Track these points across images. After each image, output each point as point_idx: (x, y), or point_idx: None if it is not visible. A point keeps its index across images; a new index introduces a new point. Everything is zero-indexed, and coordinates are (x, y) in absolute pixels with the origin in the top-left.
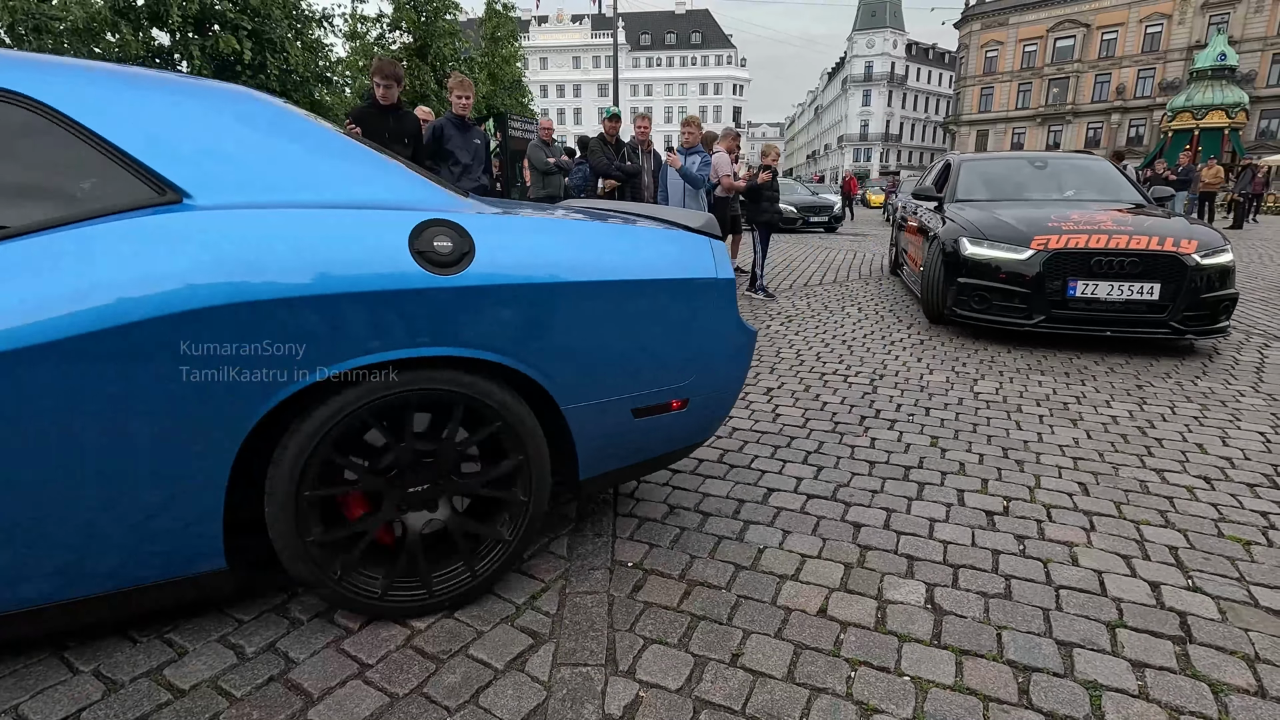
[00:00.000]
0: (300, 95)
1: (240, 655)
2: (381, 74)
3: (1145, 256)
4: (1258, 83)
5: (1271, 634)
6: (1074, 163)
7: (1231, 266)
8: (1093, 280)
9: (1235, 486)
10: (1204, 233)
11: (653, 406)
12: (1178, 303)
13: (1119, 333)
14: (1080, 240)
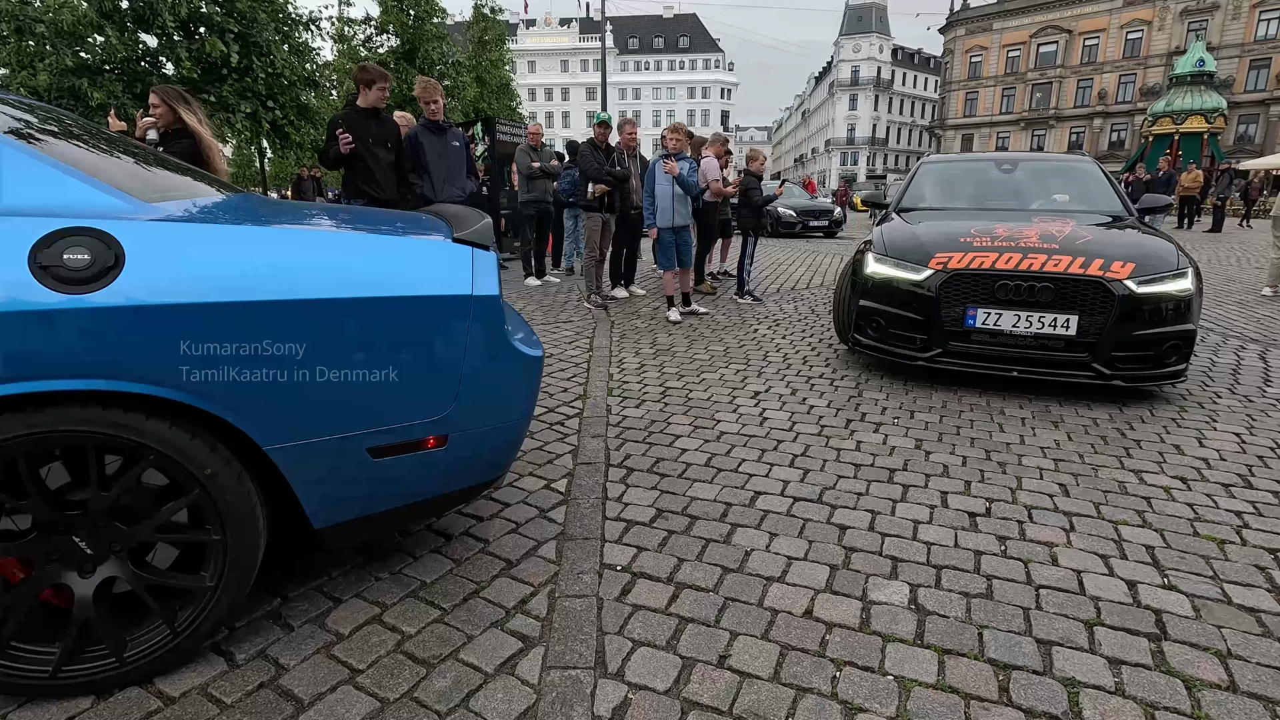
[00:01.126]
0: (287, 98)
1: (230, 662)
2: (384, 78)
3: (1061, 281)
4: (1235, 88)
5: (1244, 630)
6: (1052, 165)
7: (1186, 295)
8: (996, 308)
9: (1211, 487)
10: (1156, 252)
11: (396, 445)
12: (1104, 340)
13: (1028, 374)
14: (985, 259)
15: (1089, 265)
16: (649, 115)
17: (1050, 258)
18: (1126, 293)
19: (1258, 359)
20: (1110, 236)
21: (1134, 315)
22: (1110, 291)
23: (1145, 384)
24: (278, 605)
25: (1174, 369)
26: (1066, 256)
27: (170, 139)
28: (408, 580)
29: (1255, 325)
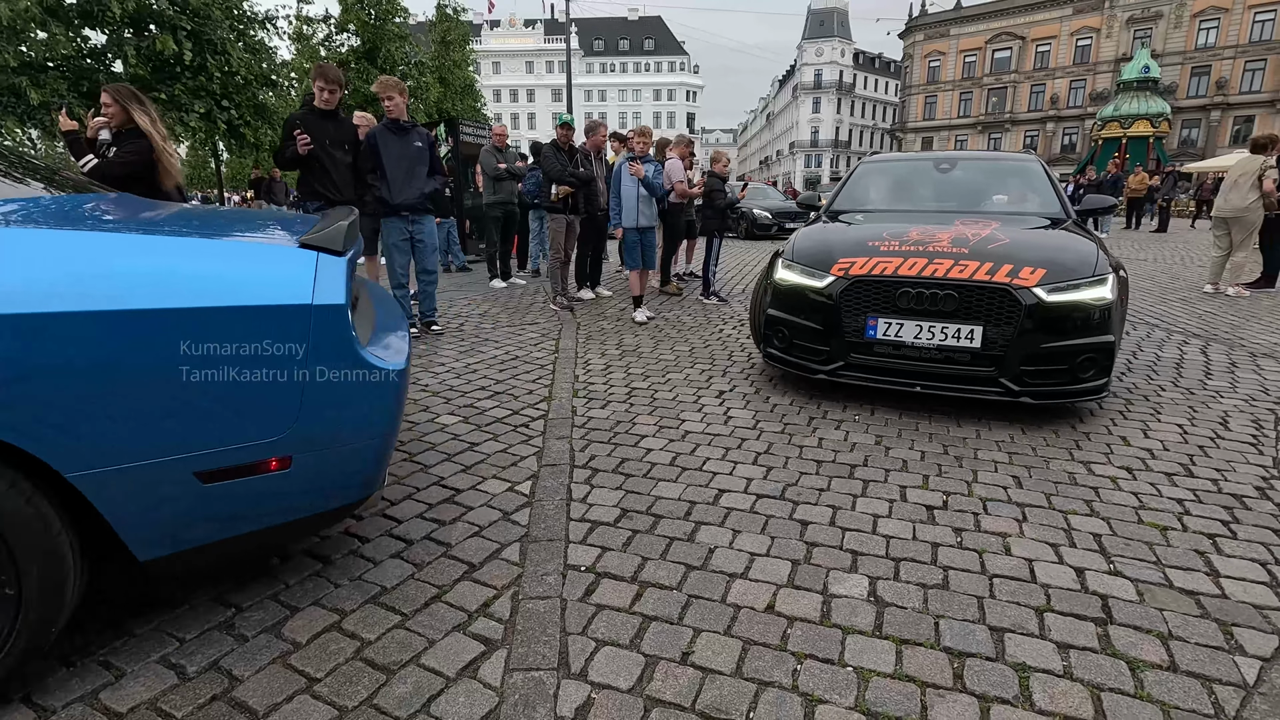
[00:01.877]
0: (243, 98)
1: (181, 675)
2: (324, 78)
3: (965, 289)
4: (1179, 94)
5: (1184, 612)
6: (992, 165)
7: (1103, 304)
8: (898, 318)
9: (1155, 476)
10: (1074, 257)
11: (229, 469)
12: (1011, 353)
13: (931, 389)
14: (889, 265)
15: (996, 271)
16: (615, 117)
17: (956, 263)
18: (1034, 301)
19: (1199, 353)
20: (1031, 240)
21: (1043, 326)
22: (1017, 300)
23: (1059, 401)
24: (231, 616)
25: (1091, 384)
26: (974, 262)
27: (123, 139)
28: (368, 586)
29: (1197, 321)
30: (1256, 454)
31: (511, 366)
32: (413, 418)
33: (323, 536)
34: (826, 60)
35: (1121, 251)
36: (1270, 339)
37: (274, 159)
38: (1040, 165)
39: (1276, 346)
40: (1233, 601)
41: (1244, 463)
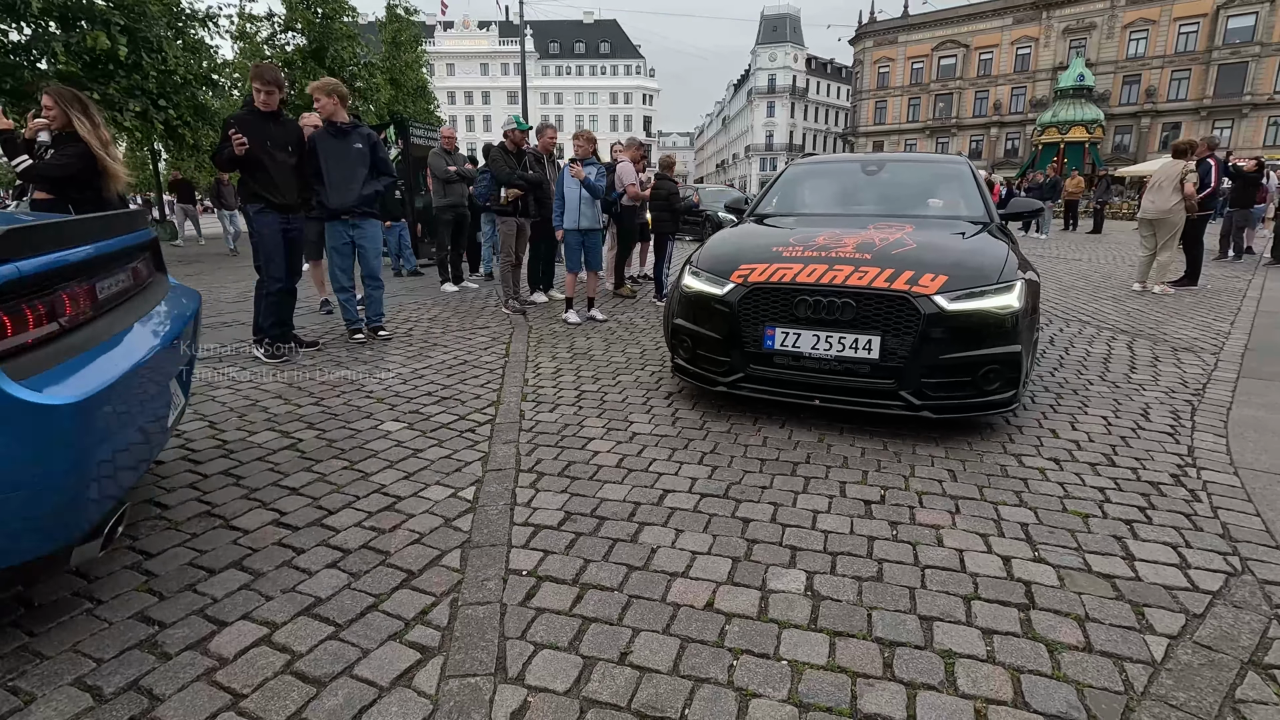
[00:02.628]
0: (181, 98)
1: (98, 697)
2: (261, 79)
3: (863, 297)
4: (1112, 101)
5: (1100, 595)
6: (919, 167)
7: (1008, 313)
8: (795, 328)
9: (1080, 466)
10: (981, 263)
11: None
12: (910, 364)
13: (830, 402)
14: (788, 272)
15: (896, 279)
16: (571, 119)
17: (856, 270)
18: (934, 310)
19: (1126, 348)
20: (940, 244)
21: (943, 336)
22: (915, 308)
23: (963, 415)
24: (154, 633)
25: (997, 397)
26: (874, 269)
27: (63, 143)
28: (301, 598)
29: (1125, 318)
30: (1174, 443)
31: (460, 371)
32: (355, 425)
33: (254, 549)
34: (780, 65)
35: (1058, 252)
36: (1191, 334)
37: (211, 160)
38: (968, 168)
39: (1196, 341)
40: (1145, 583)
41: (1162, 452)
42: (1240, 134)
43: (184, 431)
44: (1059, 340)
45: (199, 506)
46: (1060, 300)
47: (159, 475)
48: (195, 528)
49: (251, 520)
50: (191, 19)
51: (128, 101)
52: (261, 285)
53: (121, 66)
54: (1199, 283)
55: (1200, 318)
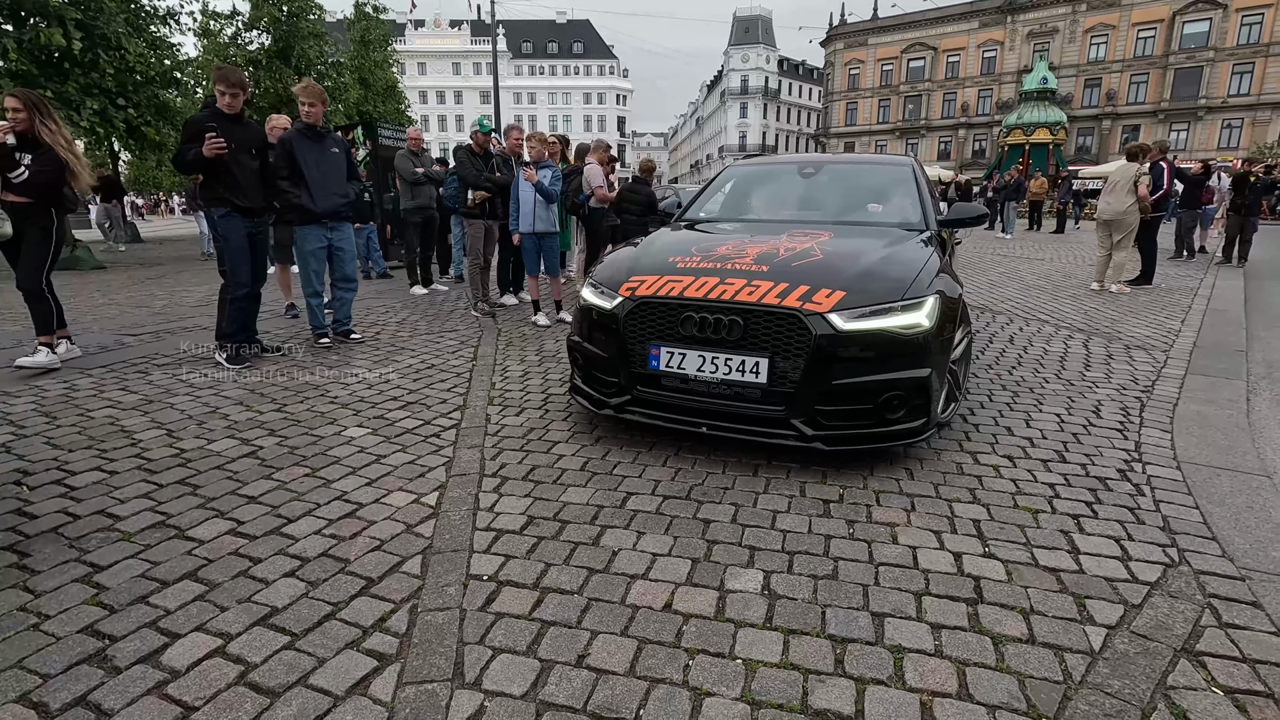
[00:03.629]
0: (142, 96)
1: (44, 713)
2: (226, 81)
3: (751, 314)
4: (1074, 104)
5: (1045, 588)
6: (859, 168)
7: (917, 333)
8: (681, 347)
9: (1032, 463)
10: (889, 276)
11: None
12: (802, 389)
13: (718, 430)
14: (678, 285)
15: (788, 294)
16: (545, 120)
17: (749, 284)
18: (826, 330)
19: (1082, 346)
20: (852, 254)
21: (837, 358)
22: (807, 328)
23: (862, 447)
24: (103, 648)
25: (903, 426)
26: (767, 283)
27: (36, 150)
28: (257, 608)
29: (1082, 316)
30: (1122, 439)
31: (427, 375)
32: (318, 431)
33: (210, 559)
34: (752, 66)
35: (1021, 251)
36: (1144, 332)
37: (173, 162)
38: (912, 169)
39: (1149, 339)
40: (1088, 576)
41: (1110, 447)
42: (1195, 136)
43: (139, 440)
44: (1018, 339)
45: (153, 517)
46: (1021, 299)
47: (111, 485)
48: (149, 539)
49: (208, 530)
50: (151, 16)
51: (85, 100)
52: (226, 290)
53: (78, 64)
54: (1154, 281)
55: (1153, 316)
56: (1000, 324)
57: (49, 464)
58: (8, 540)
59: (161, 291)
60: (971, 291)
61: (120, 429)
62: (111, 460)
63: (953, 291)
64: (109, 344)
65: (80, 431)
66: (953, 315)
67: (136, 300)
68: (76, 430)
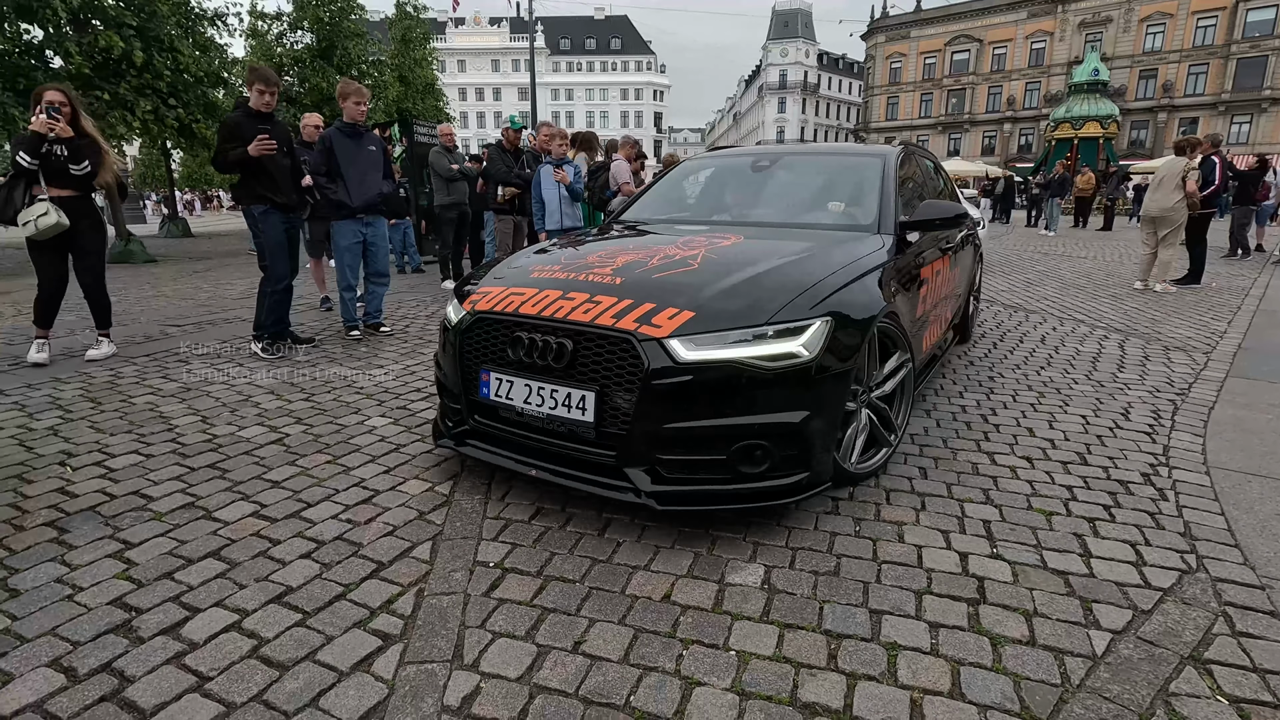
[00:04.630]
0: (192, 96)
1: (72, 677)
2: (265, 81)
3: (582, 337)
4: (1128, 96)
5: (1051, 591)
6: (819, 161)
7: (792, 368)
8: (509, 373)
9: (1051, 465)
10: (768, 294)
11: None
12: (635, 432)
13: (548, 474)
14: (516, 300)
15: (627, 314)
16: (582, 116)
17: (591, 299)
18: (662, 359)
19: (1117, 347)
20: (735, 262)
21: (674, 395)
22: (639, 356)
23: (713, 509)
24: (129, 619)
25: (771, 484)
26: (610, 299)
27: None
28: (273, 587)
29: (1121, 316)
30: (1150, 443)
31: None
32: (341, 420)
33: (233, 539)
34: (791, 61)
35: (1064, 249)
36: (1186, 333)
37: (213, 164)
38: (882, 163)
39: (1190, 340)
40: (1098, 580)
41: (1136, 450)
42: (1259, 129)
43: (175, 425)
44: (1050, 339)
45: (184, 498)
46: (1058, 298)
47: (147, 468)
48: (178, 519)
49: (233, 512)
50: (200, 18)
51: (139, 101)
52: (265, 283)
53: (133, 66)
54: (1202, 281)
55: (1198, 317)
56: (1033, 323)
57: (91, 446)
58: (50, 517)
59: (206, 285)
60: (1005, 290)
61: (159, 415)
62: (148, 444)
63: (865, 311)
64: (154, 334)
65: (122, 416)
66: (858, 342)
67: (182, 293)
68: (118, 415)
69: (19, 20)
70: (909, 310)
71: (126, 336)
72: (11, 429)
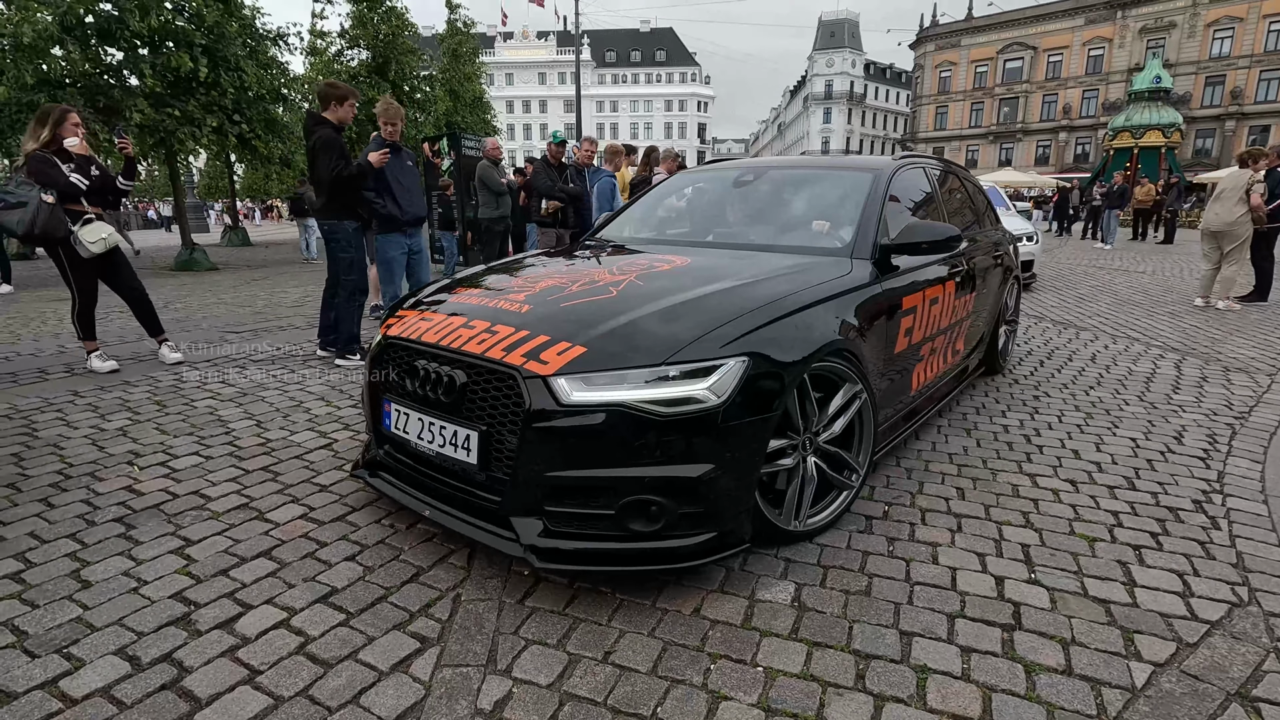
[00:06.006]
0: (254, 112)
1: (136, 665)
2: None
3: (472, 369)
4: (1192, 104)
5: (1091, 619)
6: (804, 176)
7: (694, 415)
8: (405, 404)
9: (1097, 489)
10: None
11: None
12: (519, 479)
13: (441, 515)
14: (424, 325)
15: (518, 347)
16: (626, 127)
17: (491, 327)
18: (545, 399)
19: (1173, 367)
20: (658, 291)
21: (558, 439)
22: (521, 394)
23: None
24: (189, 612)
25: (669, 544)
26: (508, 328)
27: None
28: (320, 587)
29: (1179, 334)
30: (1203, 468)
31: None
32: None
33: (283, 540)
34: (837, 71)
35: (1120, 263)
36: (1247, 353)
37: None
38: (871, 180)
39: (1253, 361)
40: (1141, 610)
41: (1188, 476)
42: None
43: (232, 429)
44: (1101, 357)
45: (239, 499)
46: (1111, 315)
47: (206, 469)
48: (234, 519)
49: (283, 514)
50: (264, 38)
51: (206, 117)
52: (354, 297)
53: (201, 84)
54: (1269, 298)
55: (1262, 336)
56: (1083, 341)
57: (156, 447)
58: (119, 513)
59: (263, 293)
60: (1056, 306)
61: (218, 418)
62: (208, 446)
63: (800, 349)
64: (214, 339)
65: (184, 419)
66: (784, 386)
67: (241, 300)
68: (181, 418)
69: (101, 43)
70: (882, 343)
71: (189, 343)
72: (85, 428)
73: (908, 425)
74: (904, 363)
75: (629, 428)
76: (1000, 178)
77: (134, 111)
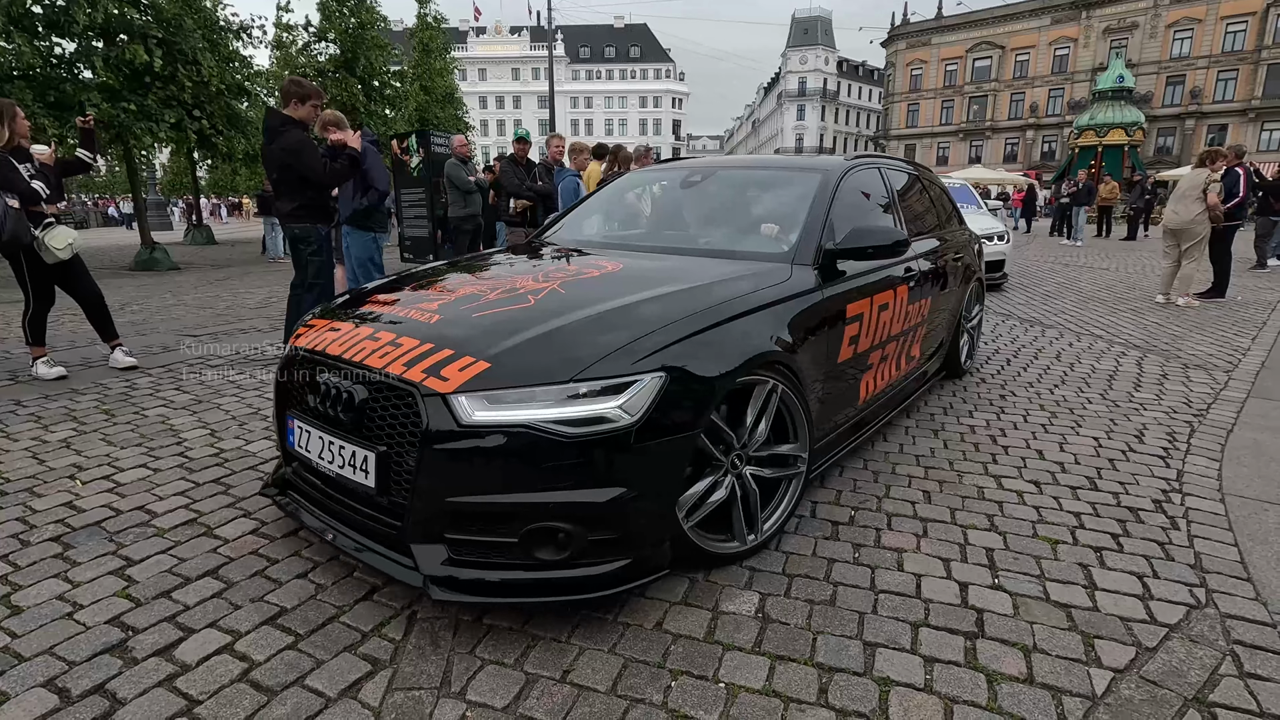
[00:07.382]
0: (215, 107)
1: (65, 698)
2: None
3: (371, 385)
4: (1154, 103)
5: (1053, 625)
6: (753, 177)
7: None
8: (306, 421)
9: (1060, 490)
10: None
11: None
12: (416, 504)
13: (344, 539)
14: (330, 335)
15: (420, 361)
16: (601, 124)
17: (396, 339)
18: (444, 420)
19: (1134, 365)
20: (575, 301)
21: (457, 461)
22: (418, 413)
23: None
24: (125, 639)
25: (578, 573)
26: (413, 340)
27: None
28: (268, 608)
29: (1141, 331)
30: (1163, 467)
31: None
32: None
33: (231, 558)
34: (810, 68)
35: (1086, 260)
36: (1206, 350)
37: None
38: (819, 181)
39: (1211, 358)
40: (1102, 614)
41: (1149, 476)
42: None
43: (184, 439)
44: (1065, 355)
45: (186, 515)
46: (1076, 312)
47: (154, 483)
48: (180, 535)
49: (233, 529)
50: (225, 31)
51: (163, 112)
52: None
53: (158, 78)
54: (1227, 295)
55: (1221, 332)
56: (1049, 339)
57: (101, 460)
58: (56, 532)
59: (225, 293)
60: (1022, 304)
61: (169, 428)
62: (157, 458)
63: (726, 361)
64: (171, 344)
65: (134, 429)
66: (708, 401)
67: (202, 301)
68: (130, 428)
69: (50, 34)
70: (824, 352)
71: (144, 346)
72: (26, 440)
73: (857, 435)
74: (850, 371)
75: (534, 450)
76: (971, 175)
77: (88, 105)
